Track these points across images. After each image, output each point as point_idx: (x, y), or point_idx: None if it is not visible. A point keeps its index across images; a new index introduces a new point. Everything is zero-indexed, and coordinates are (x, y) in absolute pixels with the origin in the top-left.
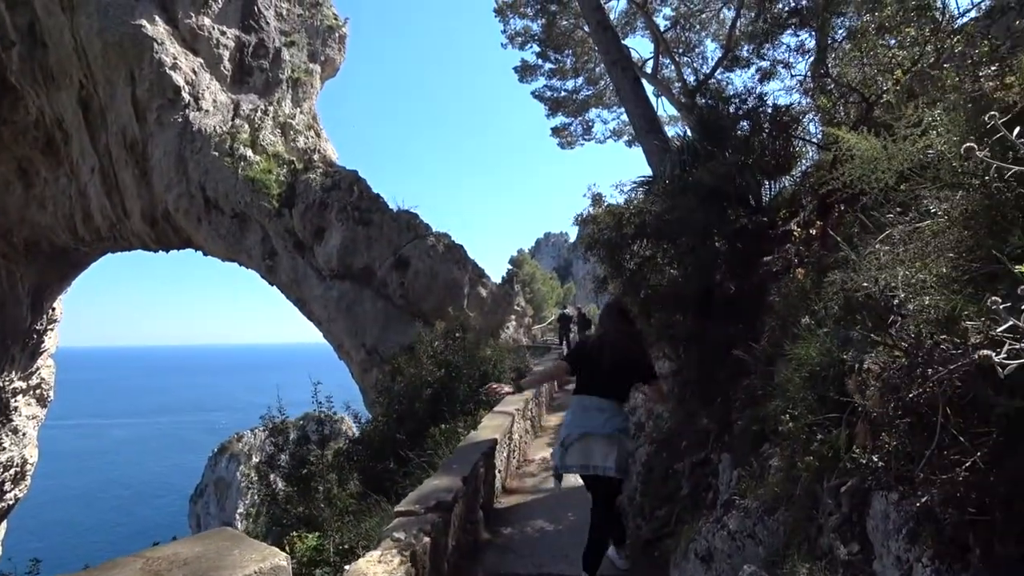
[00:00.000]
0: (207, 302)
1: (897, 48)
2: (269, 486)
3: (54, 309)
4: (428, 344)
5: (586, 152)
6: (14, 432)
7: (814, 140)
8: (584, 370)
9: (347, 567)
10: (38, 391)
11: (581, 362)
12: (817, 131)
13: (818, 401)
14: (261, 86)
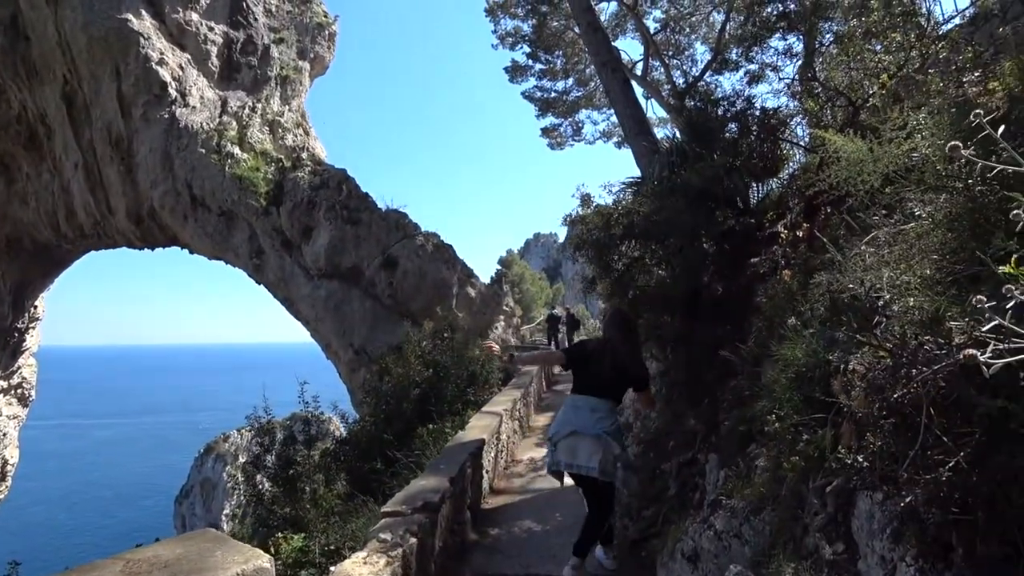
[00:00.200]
0: (192, 301)
1: (883, 53)
2: (255, 487)
3: (36, 307)
4: (416, 344)
5: (576, 153)
6: None
7: (801, 143)
8: (583, 371)
9: (333, 568)
10: (19, 390)
11: (580, 362)
12: (804, 134)
13: (804, 402)
14: (249, 83)
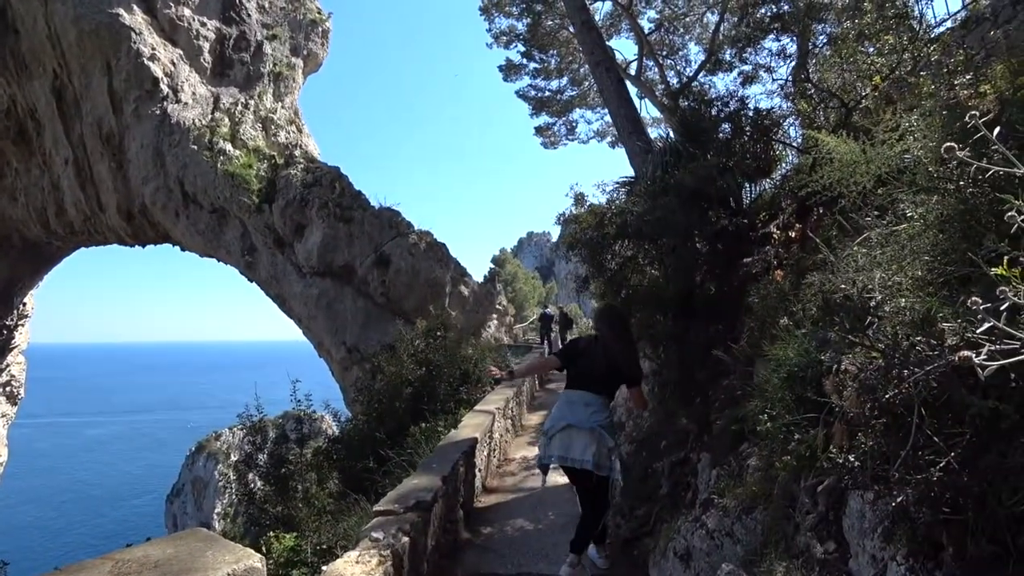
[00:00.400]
0: (183, 299)
1: (876, 55)
2: (247, 485)
3: (25, 304)
4: (409, 343)
5: (569, 152)
6: None
7: (794, 144)
8: (576, 367)
9: (325, 567)
10: (8, 388)
11: (573, 359)
12: (797, 135)
13: (796, 401)
14: (242, 80)
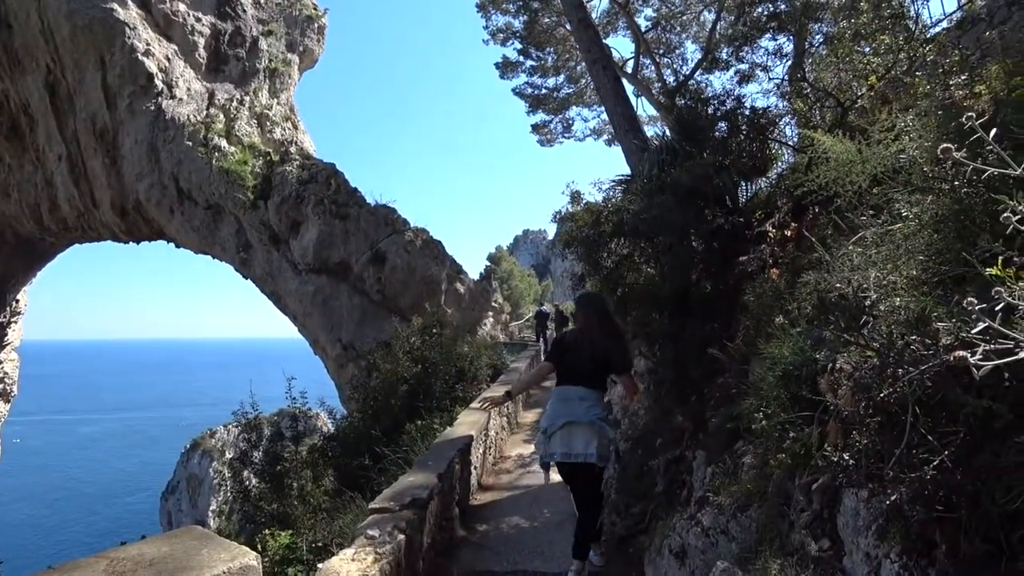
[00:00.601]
0: (177, 296)
1: (872, 55)
2: (242, 483)
3: (18, 301)
4: (405, 340)
5: (566, 150)
6: None
7: (790, 143)
8: (565, 362)
9: (320, 565)
10: (0, 386)
11: (562, 355)
12: (793, 134)
13: (791, 400)
14: (237, 75)
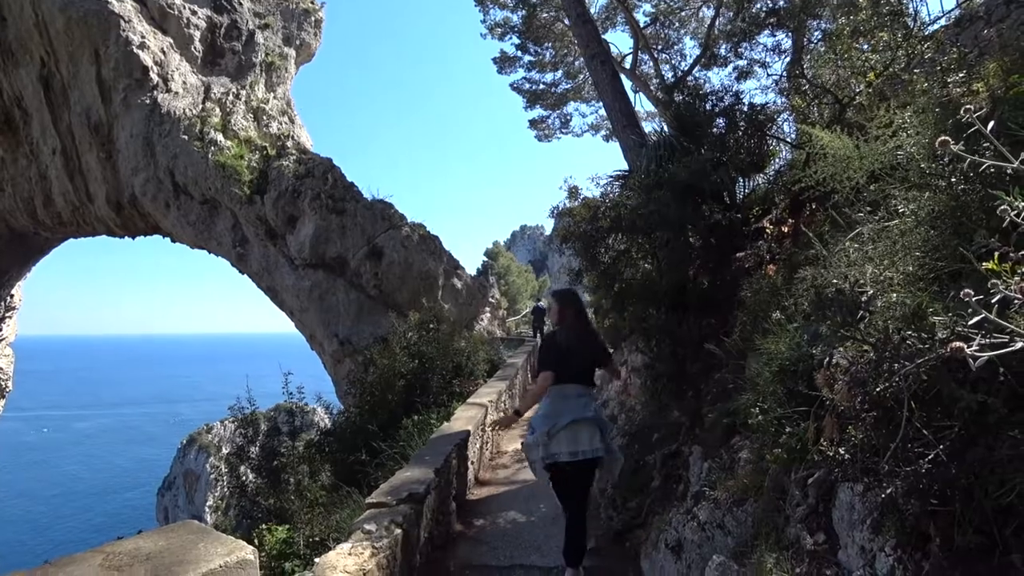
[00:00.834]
0: (172, 290)
1: (870, 52)
2: (239, 478)
3: (13, 296)
4: (402, 335)
5: (563, 145)
6: None
7: (788, 139)
8: (560, 363)
9: (317, 560)
10: None
11: (561, 360)
12: (791, 130)
13: (787, 395)
14: (233, 69)
